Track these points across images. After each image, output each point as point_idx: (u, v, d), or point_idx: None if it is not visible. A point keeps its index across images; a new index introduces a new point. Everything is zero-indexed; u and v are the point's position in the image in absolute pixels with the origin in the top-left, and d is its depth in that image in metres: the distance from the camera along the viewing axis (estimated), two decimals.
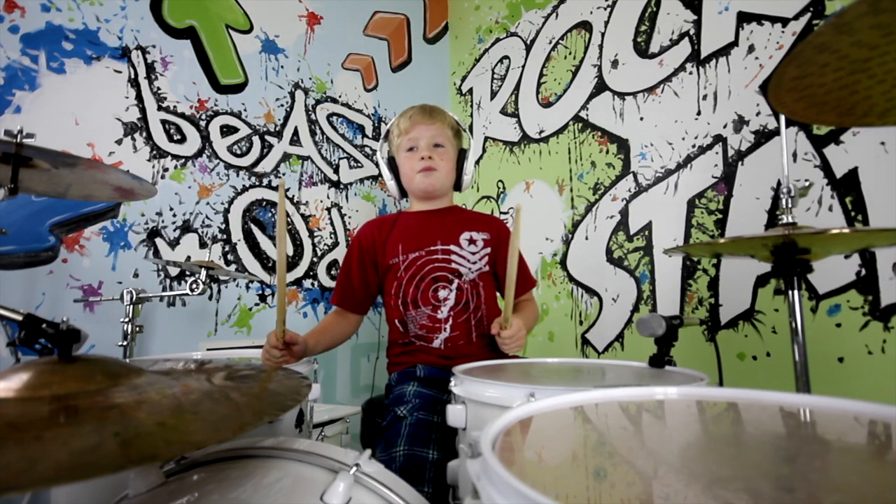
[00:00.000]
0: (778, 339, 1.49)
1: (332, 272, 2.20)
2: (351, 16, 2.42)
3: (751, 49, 1.61)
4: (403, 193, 1.39)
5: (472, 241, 1.30)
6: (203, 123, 1.91)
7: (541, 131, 2.26)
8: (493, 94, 2.51)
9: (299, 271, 2.10)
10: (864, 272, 1.35)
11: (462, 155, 1.36)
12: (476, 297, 1.27)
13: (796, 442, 0.46)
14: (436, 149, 1.31)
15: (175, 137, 1.83)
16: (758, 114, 1.58)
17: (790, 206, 0.94)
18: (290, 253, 2.09)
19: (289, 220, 2.10)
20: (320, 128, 2.24)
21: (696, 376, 0.79)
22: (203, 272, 1.38)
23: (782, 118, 0.98)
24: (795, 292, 0.93)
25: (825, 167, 1.43)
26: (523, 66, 2.39)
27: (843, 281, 1.38)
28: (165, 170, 1.80)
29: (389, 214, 1.40)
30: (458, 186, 1.38)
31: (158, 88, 1.81)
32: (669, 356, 0.90)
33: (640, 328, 0.93)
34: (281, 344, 1.00)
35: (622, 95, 1.97)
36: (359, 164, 2.35)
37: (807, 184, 0.95)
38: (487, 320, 1.25)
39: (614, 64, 2.01)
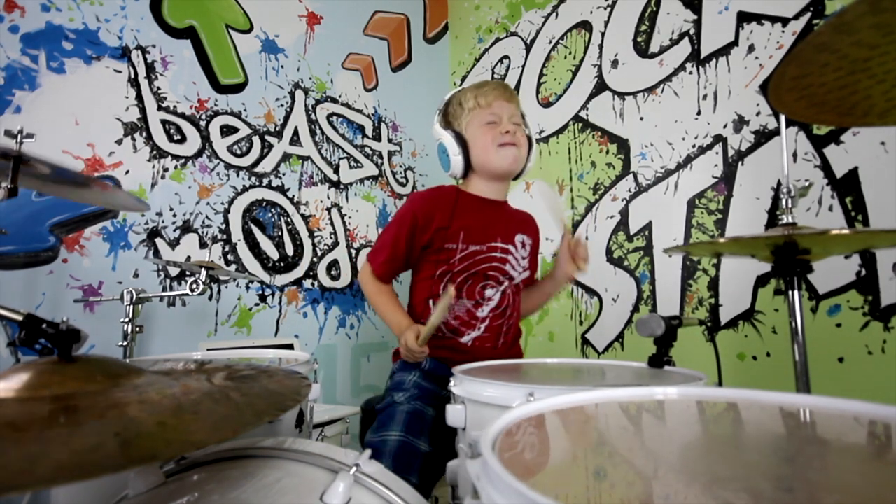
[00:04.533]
0: (778, 339, 1.49)
1: (332, 272, 2.20)
2: (351, 16, 2.42)
3: (751, 49, 1.61)
4: (465, 173, 1.26)
5: (523, 245, 1.26)
6: (203, 123, 1.91)
7: (541, 131, 2.26)
8: None
9: (299, 271, 2.10)
10: (864, 272, 1.35)
11: (529, 141, 1.27)
12: (513, 305, 1.25)
13: (796, 442, 0.46)
14: (515, 126, 1.22)
15: (175, 137, 1.83)
16: (758, 114, 1.58)
17: (790, 206, 0.94)
18: (291, 254, 2.09)
19: (289, 220, 2.10)
20: (320, 128, 2.24)
21: (694, 376, 0.79)
22: (203, 272, 1.38)
23: (782, 118, 0.98)
24: (795, 292, 0.93)
25: (825, 167, 1.43)
26: (523, 66, 2.39)
27: (843, 281, 1.38)
28: (165, 170, 1.80)
29: (446, 188, 1.26)
30: (518, 174, 1.29)
31: (158, 88, 1.81)
32: (669, 356, 0.90)
33: (640, 328, 0.93)
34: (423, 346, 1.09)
35: (622, 95, 1.97)
36: (359, 164, 2.35)
37: (807, 183, 0.95)
38: (514, 329, 1.26)
39: (614, 64, 2.01)
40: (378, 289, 1.25)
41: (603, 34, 2.06)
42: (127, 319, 1.35)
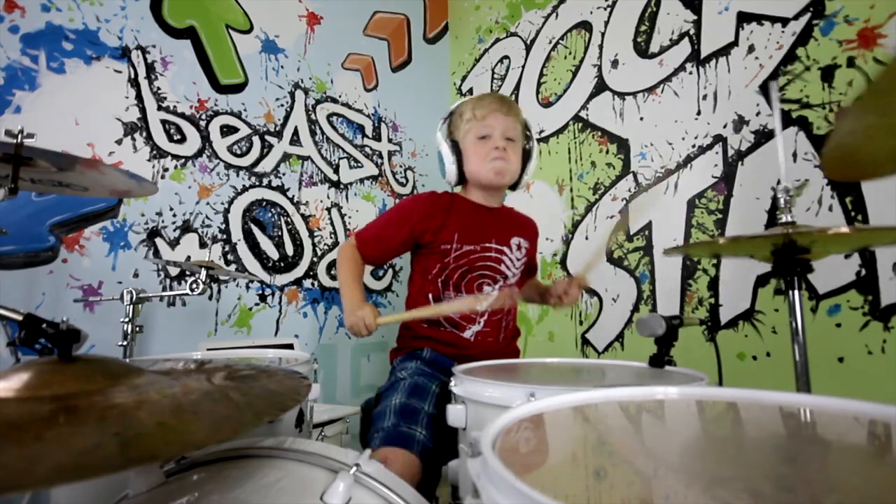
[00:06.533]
0: (778, 339, 1.49)
1: (332, 272, 2.20)
2: (351, 16, 2.42)
3: (751, 49, 1.61)
4: (459, 181, 1.31)
5: (519, 247, 1.31)
6: (203, 123, 1.91)
7: (541, 131, 2.26)
8: None
9: (299, 271, 2.10)
10: (864, 272, 1.35)
11: (527, 154, 1.31)
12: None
13: (796, 442, 0.46)
14: (508, 142, 1.25)
15: (175, 137, 1.83)
16: (758, 114, 1.58)
17: (788, 205, 0.94)
18: (291, 254, 2.09)
19: (289, 220, 2.10)
20: (320, 128, 2.24)
21: (695, 376, 0.79)
22: (203, 272, 1.38)
23: (777, 117, 0.97)
24: (795, 292, 0.93)
25: None
26: (523, 66, 2.38)
27: (843, 281, 1.38)
28: (165, 170, 1.80)
29: (443, 194, 1.31)
30: (514, 185, 1.33)
31: (158, 88, 1.81)
32: (669, 356, 0.90)
33: (640, 328, 0.93)
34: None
35: (622, 95, 1.97)
36: (359, 164, 2.35)
37: (801, 182, 0.95)
38: (512, 325, 1.32)
39: (614, 64, 2.01)
40: (352, 256, 1.26)
41: (603, 34, 2.06)
42: (127, 319, 1.35)
